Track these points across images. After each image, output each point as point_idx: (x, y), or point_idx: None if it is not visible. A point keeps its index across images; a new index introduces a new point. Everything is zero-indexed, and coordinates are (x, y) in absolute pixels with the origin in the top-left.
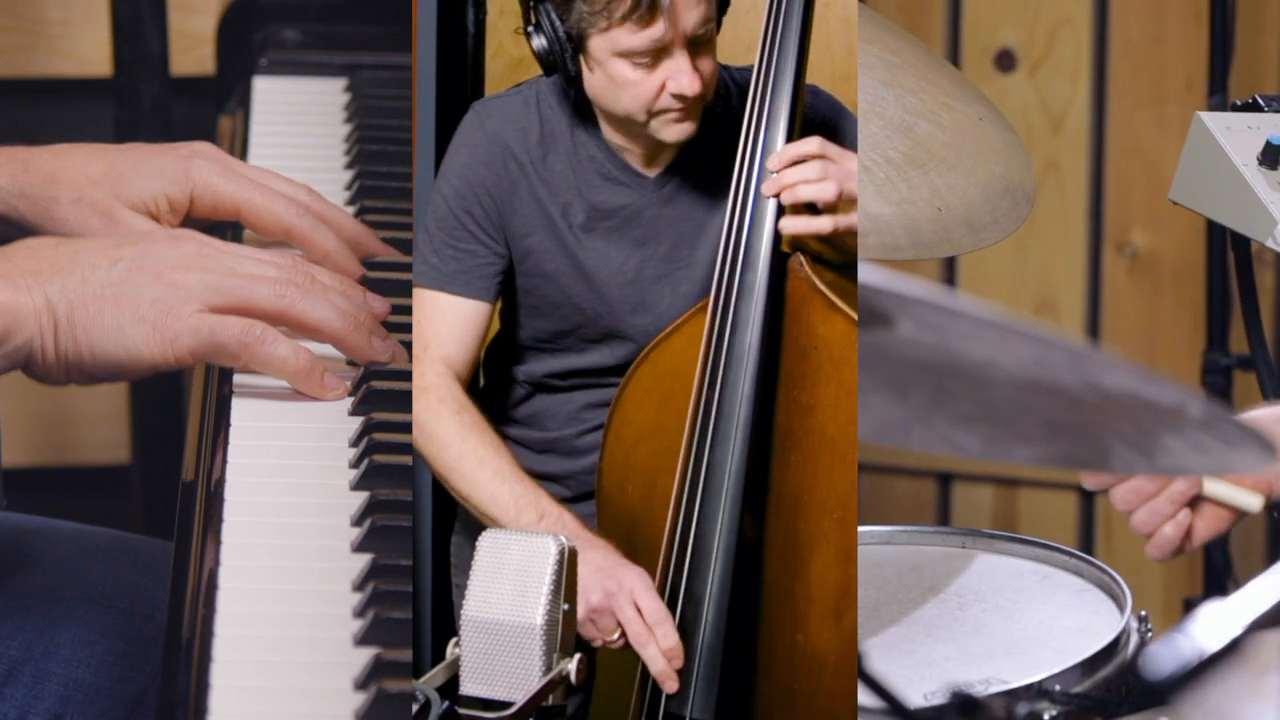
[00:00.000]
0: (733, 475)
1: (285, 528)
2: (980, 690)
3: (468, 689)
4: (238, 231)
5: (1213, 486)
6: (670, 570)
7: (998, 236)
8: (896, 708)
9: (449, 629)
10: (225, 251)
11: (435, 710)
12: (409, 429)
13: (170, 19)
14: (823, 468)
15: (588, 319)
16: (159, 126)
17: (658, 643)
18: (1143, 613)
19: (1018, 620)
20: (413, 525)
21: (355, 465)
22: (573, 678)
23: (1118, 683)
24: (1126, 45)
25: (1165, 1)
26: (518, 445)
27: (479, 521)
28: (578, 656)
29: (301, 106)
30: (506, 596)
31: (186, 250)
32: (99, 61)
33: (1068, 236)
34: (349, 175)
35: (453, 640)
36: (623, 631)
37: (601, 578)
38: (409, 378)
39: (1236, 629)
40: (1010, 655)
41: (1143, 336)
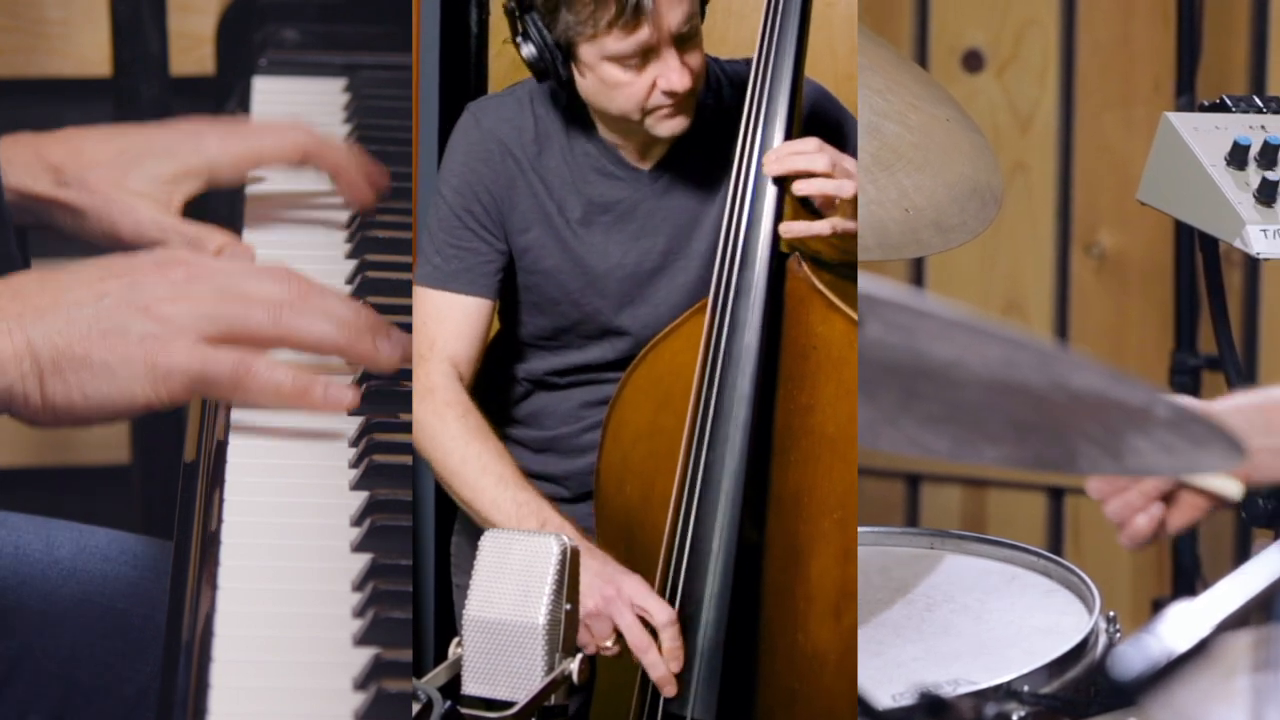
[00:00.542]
0: (732, 475)
1: (285, 528)
2: (948, 691)
3: (470, 689)
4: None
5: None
6: (670, 571)
7: (965, 237)
8: None
9: (451, 629)
10: (217, 272)
11: (437, 710)
12: (409, 429)
13: (170, 19)
14: (822, 467)
15: (586, 315)
16: None
17: (665, 642)
18: (1111, 613)
19: (986, 621)
20: (415, 525)
21: (355, 465)
22: (575, 678)
23: (1086, 683)
24: (1094, 46)
25: (1133, 2)
26: (517, 445)
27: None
28: (580, 656)
29: (301, 106)
30: (509, 596)
31: (175, 277)
32: (99, 61)
33: (1035, 237)
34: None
35: (455, 640)
36: (619, 638)
37: (599, 583)
38: (409, 377)
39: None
40: (978, 656)
41: (1111, 337)
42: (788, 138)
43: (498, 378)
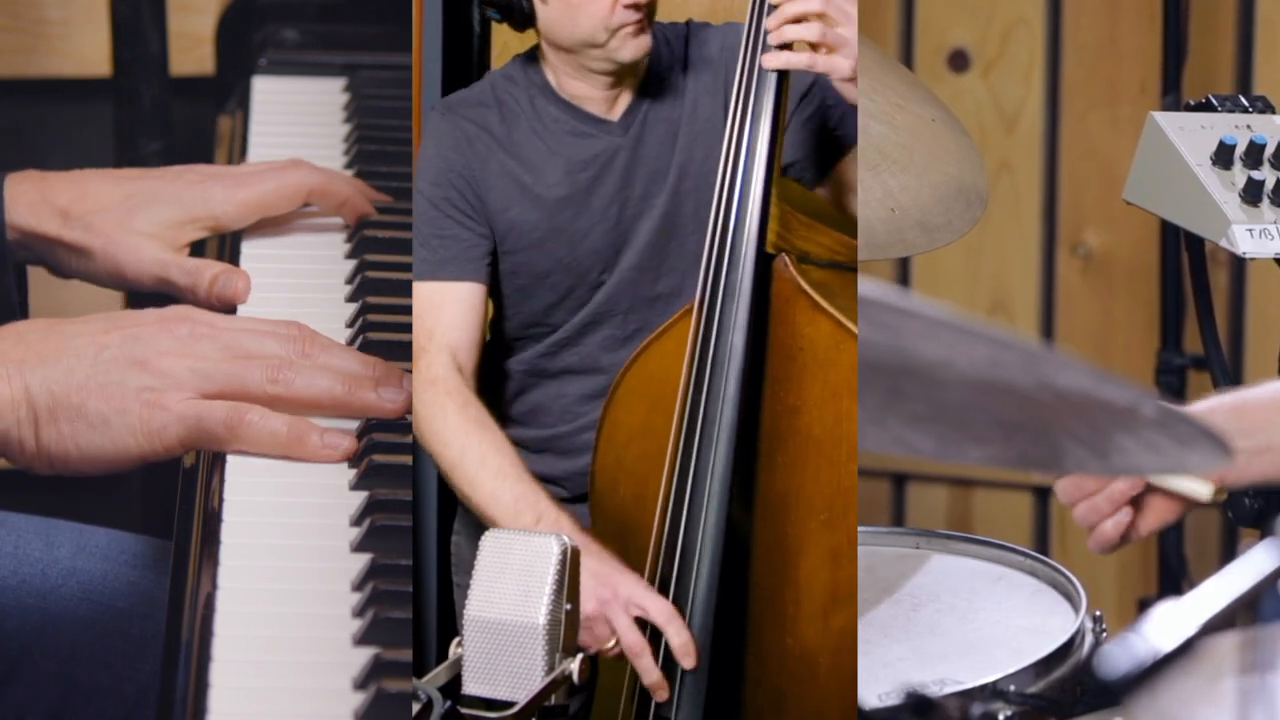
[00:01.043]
0: (719, 477)
1: (285, 528)
2: (935, 691)
3: (470, 689)
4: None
5: (1160, 475)
6: (658, 573)
7: (951, 237)
8: None
9: (452, 629)
10: (221, 329)
11: (437, 710)
12: (409, 429)
13: (170, 19)
14: (809, 469)
15: (578, 276)
16: (159, 127)
17: (672, 638)
18: (1097, 613)
19: (972, 621)
20: (417, 525)
21: (355, 465)
22: (575, 678)
23: (1072, 683)
24: (1080, 46)
25: (1119, 2)
26: (516, 445)
27: (479, 521)
28: (580, 656)
29: (301, 106)
30: (509, 596)
31: (178, 334)
32: (99, 61)
33: (1021, 237)
34: (349, 174)
35: (455, 640)
36: (617, 639)
37: (595, 584)
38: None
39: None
40: (965, 656)
41: (1097, 337)
42: (774, 136)
43: (491, 376)
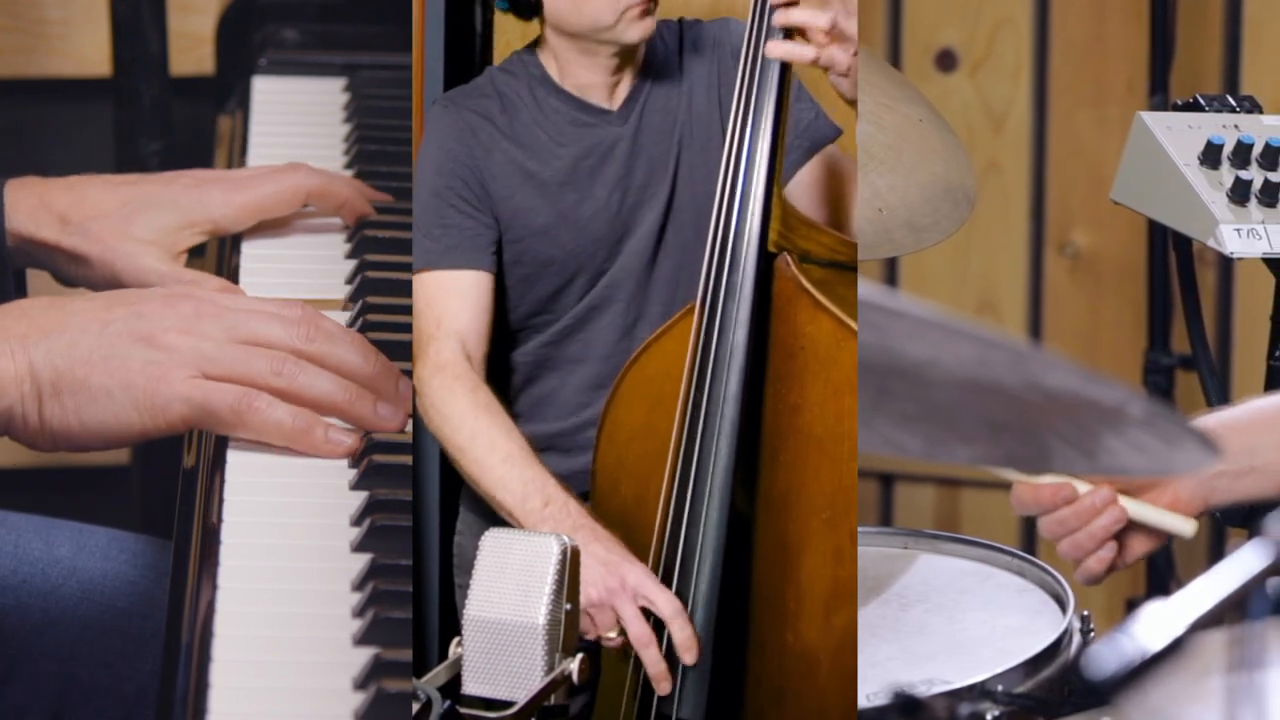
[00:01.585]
0: (720, 475)
1: (285, 527)
2: (923, 691)
3: (469, 688)
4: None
5: (1141, 512)
6: (660, 571)
7: (939, 237)
8: None
9: (454, 629)
10: (225, 309)
11: (437, 709)
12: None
13: (170, 19)
14: (810, 467)
15: (581, 264)
16: (159, 127)
17: (676, 633)
18: (1085, 613)
19: (960, 620)
20: (417, 525)
21: (355, 465)
22: (575, 677)
23: (1060, 683)
24: (1067, 45)
25: (1106, 2)
26: None
27: (481, 521)
28: (580, 656)
29: (301, 106)
30: (509, 596)
31: (183, 311)
32: (99, 61)
33: (1009, 237)
34: (348, 175)
35: (455, 639)
36: (622, 629)
37: (604, 573)
38: (409, 377)
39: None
40: (953, 655)
41: (1084, 336)
42: (775, 136)
43: (497, 371)
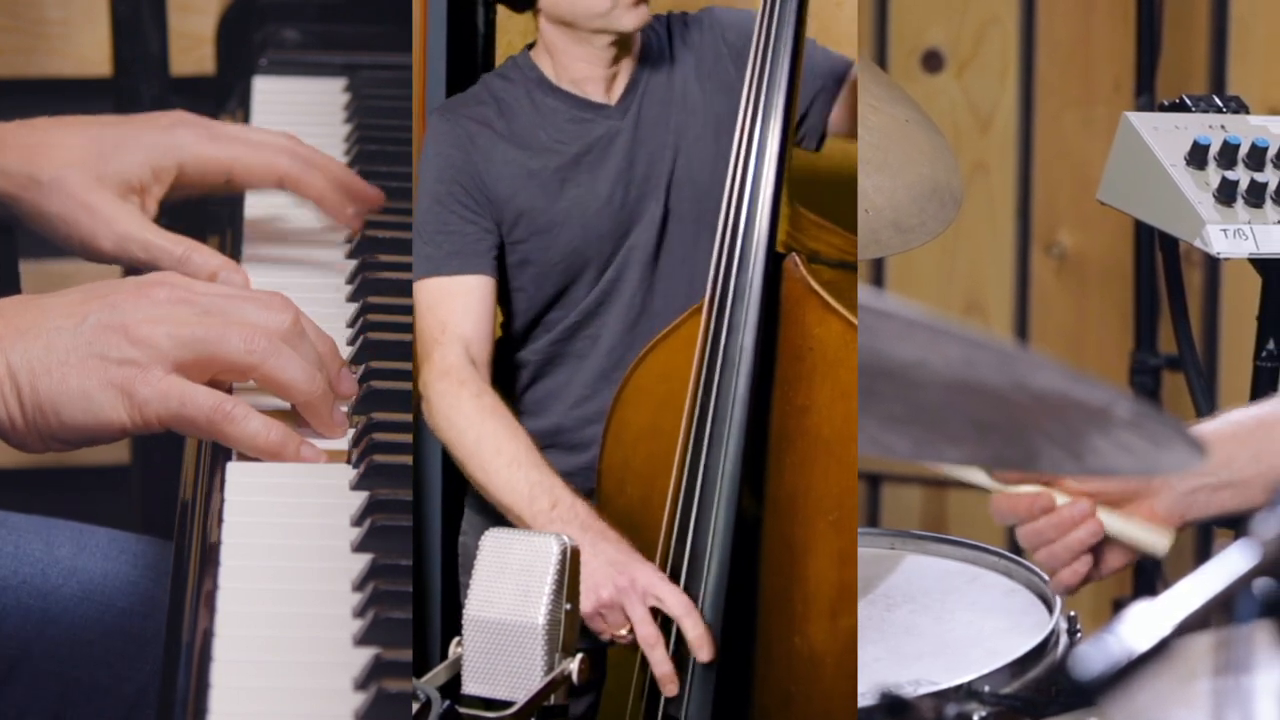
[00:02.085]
0: (728, 478)
1: (285, 528)
2: (910, 691)
3: (469, 688)
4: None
5: (1117, 527)
6: (667, 572)
7: (925, 238)
8: None
9: (457, 629)
10: (199, 294)
11: (436, 709)
12: (409, 429)
13: (170, 19)
14: (818, 469)
15: (586, 259)
16: None
17: (688, 632)
18: (1072, 613)
19: (947, 621)
20: (418, 525)
21: (355, 465)
22: (574, 678)
23: (1047, 683)
24: (1054, 45)
25: (1093, 2)
26: None
27: (486, 522)
28: (579, 656)
29: (301, 106)
30: (508, 596)
31: (156, 298)
32: (99, 61)
33: (995, 237)
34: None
35: (455, 639)
36: (631, 628)
37: (613, 572)
38: (409, 377)
39: (1165, 630)
40: (939, 656)
41: (1071, 337)
42: (784, 136)
43: (502, 373)
